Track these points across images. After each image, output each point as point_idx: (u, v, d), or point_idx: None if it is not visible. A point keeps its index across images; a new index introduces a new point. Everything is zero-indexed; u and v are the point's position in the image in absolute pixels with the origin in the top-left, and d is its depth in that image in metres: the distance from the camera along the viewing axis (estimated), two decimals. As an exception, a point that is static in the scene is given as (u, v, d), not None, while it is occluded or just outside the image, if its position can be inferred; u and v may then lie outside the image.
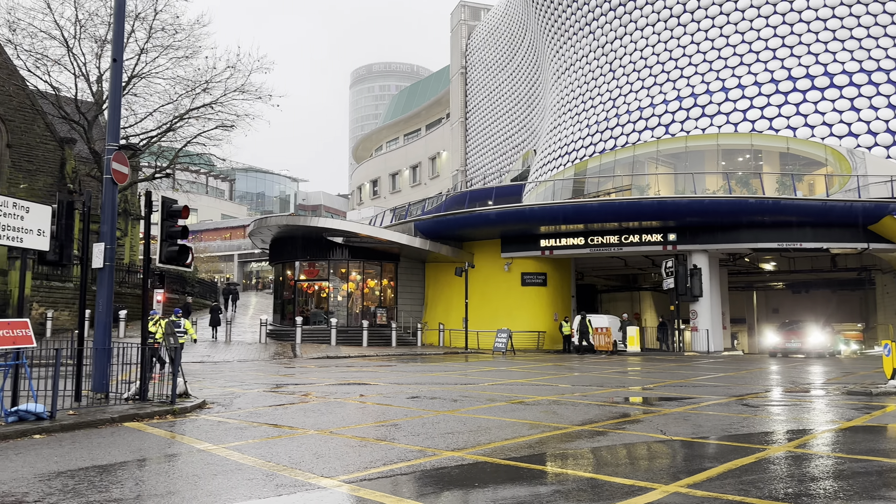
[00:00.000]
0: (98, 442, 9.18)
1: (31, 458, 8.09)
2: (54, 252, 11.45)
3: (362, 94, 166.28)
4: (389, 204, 63.94)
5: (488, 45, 61.55)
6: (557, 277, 34.57)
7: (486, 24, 62.73)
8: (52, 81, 32.04)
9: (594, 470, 7.51)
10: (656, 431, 9.96)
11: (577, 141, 37.53)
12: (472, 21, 66.10)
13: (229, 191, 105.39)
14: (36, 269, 27.71)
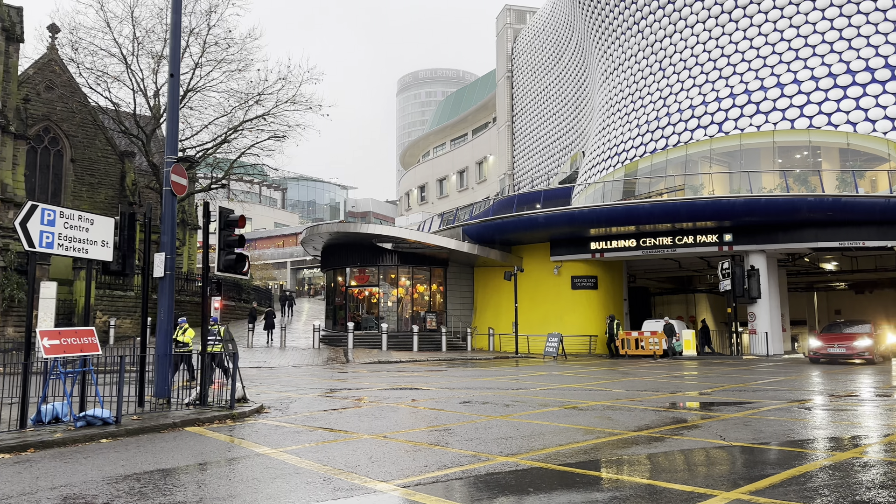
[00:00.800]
0: (161, 446, 9.48)
1: (100, 462, 8.40)
2: (117, 262, 11.89)
3: (409, 101, 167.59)
4: (437, 209, 64.18)
5: (534, 48, 61.27)
6: (609, 280, 34.10)
7: (532, 27, 62.47)
8: (111, 97, 33.34)
9: (651, 476, 7.38)
10: (715, 437, 9.73)
11: (627, 141, 37.02)
12: (518, 24, 65.93)
13: (281, 199, 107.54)
14: (99, 278, 28.78)
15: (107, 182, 37.75)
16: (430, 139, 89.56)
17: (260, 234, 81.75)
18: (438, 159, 79.77)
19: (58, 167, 36.11)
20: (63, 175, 36.21)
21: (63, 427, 10.29)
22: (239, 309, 42.72)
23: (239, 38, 35.75)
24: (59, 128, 36.02)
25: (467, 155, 73.12)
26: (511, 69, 65.05)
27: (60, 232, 10.62)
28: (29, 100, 33.12)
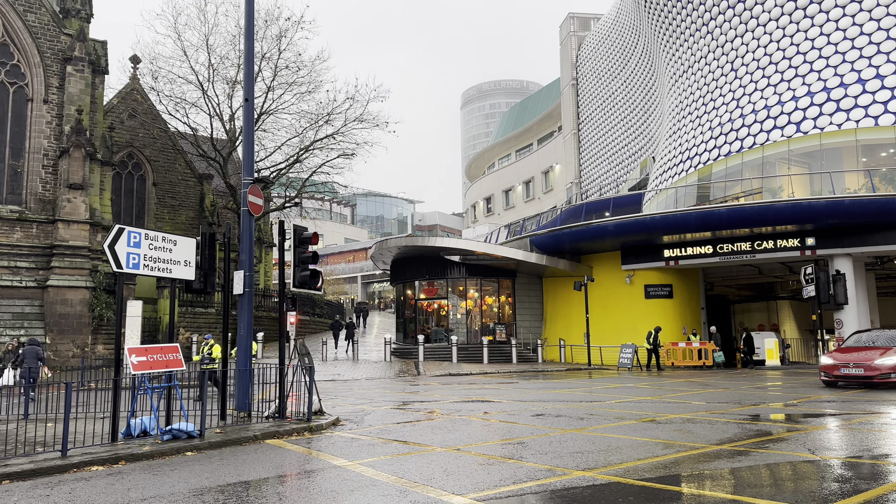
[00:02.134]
0: (243, 458, 9.77)
1: (185, 474, 8.73)
2: (199, 281, 12.39)
3: (473, 114, 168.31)
4: (503, 220, 64.02)
5: (599, 54, 60.53)
6: (684, 289, 33.14)
7: (597, 34, 61.77)
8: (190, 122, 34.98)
9: (735, 491, 7.10)
10: (803, 450, 9.28)
11: (699, 145, 36.02)
12: (582, 32, 65.35)
13: (351, 215, 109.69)
14: (182, 296, 30.03)
15: (187, 204, 39.47)
16: (494, 151, 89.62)
17: (331, 250, 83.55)
18: (504, 170, 79.68)
19: (141, 191, 38.00)
20: (146, 198, 38.07)
21: (151, 440, 10.76)
22: (313, 323, 43.72)
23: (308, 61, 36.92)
24: (141, 153, 37.95)
25: (533, 165, 72.76)
26: (576, 77, 64.45)
27: (146, 253, 11.16)
28: (114, 128, 35.06)
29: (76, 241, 29.32)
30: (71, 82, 30.32)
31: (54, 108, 30.27)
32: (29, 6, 30.01)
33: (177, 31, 39.53)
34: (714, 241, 30.04)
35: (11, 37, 29.72)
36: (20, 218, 28.94)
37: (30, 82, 30.03)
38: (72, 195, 29.37)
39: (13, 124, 29.75)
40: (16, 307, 27.97)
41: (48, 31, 30.38)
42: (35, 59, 30.00)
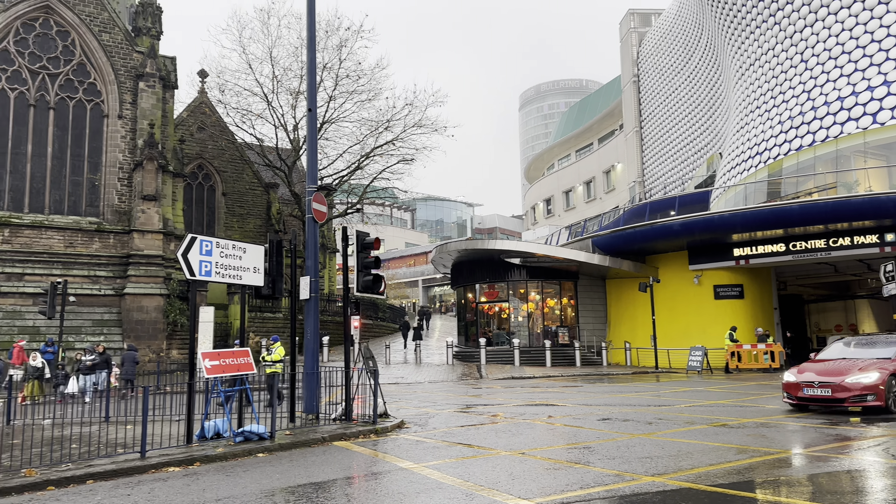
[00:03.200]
0: (312, 460, 9.98)
1: (257, 475, 8.98)
2: (268, 287, 12.72)
3: (531, 115, 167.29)
4: (564, 222, 63.31)
5: (661, 50, 59.22)
6: (755, 288, 32.00)
7: (658, 29, 60.46)
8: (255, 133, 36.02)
9: (812, 498, 6.82)
10: (886, 456, 8.83)
11: (768, 140, 34.76)
12: (643, 28, 64.09)
13: (411, 220, 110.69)
14: (251, 302, 30.91)
15: (254, 212, 40.65)
16: (554, 151, 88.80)
17: (392, 255, 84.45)
18: (564, 171, 78.84)
19: (211, 201, 39.34)
20: (216, 208, 39.39)
21: (224, 442, 11.10)
22: (376, 327, 44.27)
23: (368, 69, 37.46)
24: (210, 164, 39.29)
25: (594, 164, 71.72)
26: (637, 73, 63.24)
27: (217, 261, 11.54)
28: (184, 140, 36.43)
29: (150, 251, 30.57)
30: (143, 98, 31.67)
31: (128, 123, 31.67)
32: (103, 27, 31.51)
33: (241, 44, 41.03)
34: (786, 238, 28.92)
35: (88, 56, 31.27)
36: (98, 229, 30.37)
37: (105, 99, 31.52)
38: (146, 206, 30.64)
39: (90, 140, 31.27)
40: (95, 314, 29.36)
41: (121, 50, 31.82)
42: (110, 77, 31.46)
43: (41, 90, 30.39)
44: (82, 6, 31.09)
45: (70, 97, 30.96)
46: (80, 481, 8.77)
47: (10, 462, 9.66)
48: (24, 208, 29.61)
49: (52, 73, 30.58)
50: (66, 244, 29.65)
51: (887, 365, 13.40)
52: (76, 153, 30.99)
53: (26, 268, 28.56)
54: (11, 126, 29.70)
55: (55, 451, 10.52)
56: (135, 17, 33.03)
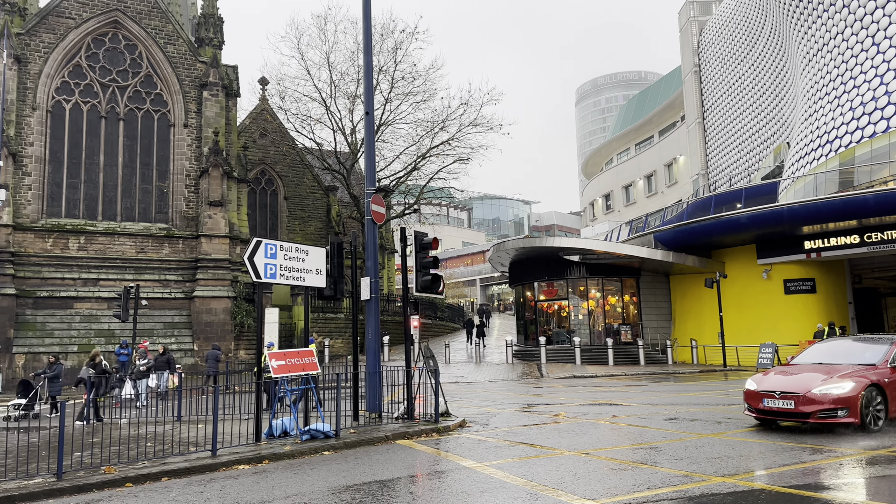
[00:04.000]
0: (376, 458, 10.09)
1: (324, 473, 9.14)
2: (330, 288, 12.94)
3: (588, 110, 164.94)
4: (624, 217, 62.18)
5: (723, 39, 57.48)
6: (828, 282, 30.68)
7: (719, 17, 58.71)
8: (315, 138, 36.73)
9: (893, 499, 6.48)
10: (981, 461, 8.33)
11: (839, 127, 33.28)
12: (703, 16, 62.37)
13: (467, 219, 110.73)
14: (313, 303, 31.52)
15: (315, 215, 41.43)
16: (612, 146, 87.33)
17: (449, 254, 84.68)
18: (623, 165, 77.44)
19: (273, 205, 40.30)
20: (278, 211, 40.33)
21: (291, 440, 11.35)
22: (435, 326, 44.47)
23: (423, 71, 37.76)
24: (272, 170, 40.25)
25: (654, 158, 70.19)
26: (698, 63, 61.57)
27: (281, 263, 11.81)
28: (247, 147, 37.41)
29: (217, 254, 31.53)
30: (207, 106, 32.68)
31: (193, 132, 32.74)
32: (168, 39, 32.66)
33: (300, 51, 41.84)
34: (861, 229, 27.60)
35: (154, 68, 32.48)
36: (168, 235, 31.51)
37: (171, 109, 32.67)
38: (212, 212, 31.62)
39: (158, 148, 32.47)
40: (166, 317, 30.48)
41: (185, 60, 32.93)
42: (175, 87, 32.59)
43: (111, 102, 31.72)
44: (148, 20, 32.31)
45: (138, 108, 32.21)
46: (156, 478, 9.11)
47: (91, 459, 10.11)
48: (97, 216, 30.98)
49: (122, 86, 31.88)
50: (138, 250, 30.88)
51: (868, 373, 10.97)
52: (145, 162, 32.23)
53: (101, 273, 29.88)
54: (85, 138, 31.11)
55: (132, 449, 10.97)
56: (197, 28, 34.12)
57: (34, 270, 28.73)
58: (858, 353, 12.14)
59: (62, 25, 30.59)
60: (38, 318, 28.25)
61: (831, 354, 12.40)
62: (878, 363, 11.35)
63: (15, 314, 27.56)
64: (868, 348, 12.21)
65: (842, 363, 11.68)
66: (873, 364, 11.34)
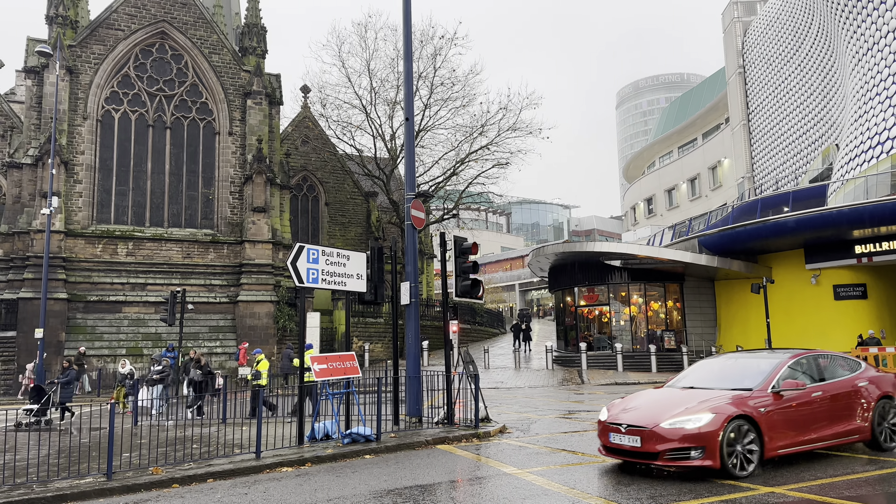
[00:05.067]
0: (417, 462, 10.11)
1: (365, 476, 9.18)
2: (370, 292, 13.03)
3: (629, 113, 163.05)
4: (667, 221, 61.18)
5: (768, 39, 56.25)
6: (880, 288, 29.68)
7: (764, 17, 57.48)
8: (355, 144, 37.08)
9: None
10: None
11: (891, 128, 32.22)
12: (747, 17, 61.14)
13: (506, 223, 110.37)
14: (353, 307, 31.79)
15: (355, 221, 41.84)
16: (654, 149, 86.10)
17: (488, 259, 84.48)
18: (665, 168, 76.28)
19: (315, 211, 40.83)
20: (320, 217, 40.84)
21: (332, 443, 11.44)
22: (474, 332, 44.39)
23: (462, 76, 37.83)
24: (314, 176, 40.80)
25: (698, 161, 68.97)
26: (743, 64, 60.35)
27: (323, 268, 11.94)
28: (289, 154, 37.98)
29: (261, 259, 32.07)
30: (251, 115, 33.31)
31: (238, 140, 33.40)
32: (213, 48, 33.42)
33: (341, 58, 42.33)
34: (915, 233, 26.66)
35: (200, 77, 33.25)
36: (213, 240, 32.18)
37: (216, 117, 33.39)
38: (256, 217, 32.19)
39: (204, 156, 33.21)
40: (212, 321, 31.10)
41: (230, 70, 33.64)
42: (220, 96, 33.31)
43: (158, 111, 32.57)
44: (193, 30, 33.11)
45: (184, 116, 33.01)
46: (202, 480, 9.28)
47: (139, 461, 10.36)
48: (145, 222, 31.81)
49: (168, 95, 32.72)
50: (184, 255, 31.60)
51: (739, 401, 8.58)
52: (191, 169, 33.00)
53: (148, 278, 30.65)
54: (133, 146, 32.01)
55: (178, 450, 11.20)
56: (241, 38, 34.83)
57: (84, 275, 29.63)
58: (739, 373, 9.68)
59: (111, 37, 31.56)
60: (89, 321, 29.10)
61: (712, 375, 10.04)
62: (756, 388, 8.95)
63: (66, 318, 28.46)
64: (753, 368, 9.71)
65: (716, 387, 9.36)
66: (749, 389, 8.95)
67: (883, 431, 9.81)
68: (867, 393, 9.76)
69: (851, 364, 10.25)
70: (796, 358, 9.68)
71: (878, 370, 10.59)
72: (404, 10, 15.07)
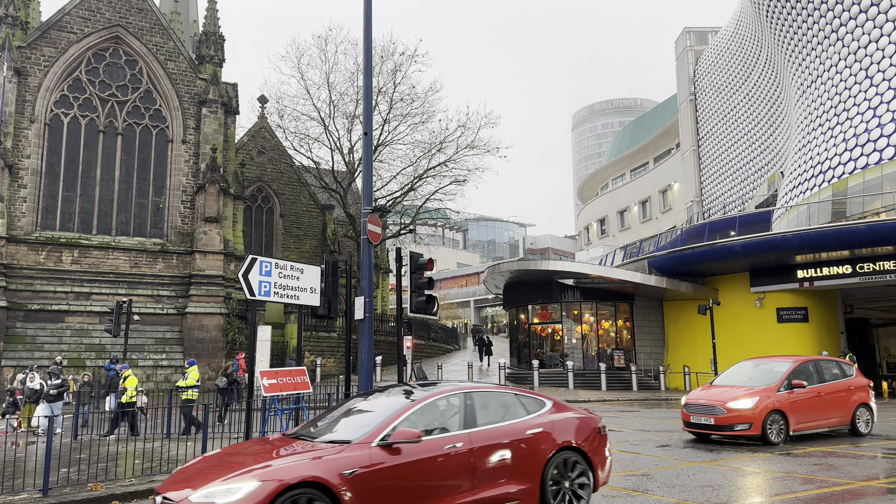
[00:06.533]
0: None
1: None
2: (324, 307, 12.91)
3: (584, 135, 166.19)
4: (619, 242, 62.38)
5: (718, 68, 58.22)
6: (820, 311, 30.78)
7: (715, 47, 59.51)
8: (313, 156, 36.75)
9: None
10: (972, 494, 8.32)
11: (832, 158, 33.64)
12: (699, 46, 63.20)
13: (463, 240, 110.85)
14: (306, 321, 31.39)
15: (311, 233, 41.43)
16: (608, 171, 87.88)
17: (444, 275, 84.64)
18: (618, 191, 77.89)
19: (269, 222, 40.30)
20: (274, 229, 40.32)
21: (281, 459, 11.22)
22: (428, 347, 44.29)
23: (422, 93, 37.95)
24: (269, 187, 40.31)
25: (649, 184, 70.64)
26: (694, 92, 62.28)
27: (276, 281, 11.79)
28: (244, 164, 37.49)
29: (211, 271, 31.44)
30: (206, 123, 32.80)
31: (191, 148, 32.81)
32: (169, 55, 32.86)
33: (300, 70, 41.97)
34: (853, 259, 27.80)
35: (154, 84, 32.62)
36: (162, 250, 31.44)
37: (170, 125, 32.77)
38: (207, 228, 31.58)
39: (156, 164, 32.50)
40: (158, 333, 30.29)
41: (185, 77, 33.11)
42: (175, 104, 32.72)
43: (110, 117, 31.79)
44: (149, 36, 32.53)
45: (137, 123, 32.30)
46: (143, 496, 9.00)
47: (77, 476, 9.99)
48: (92, 230, 30.90)
49: (121, 101, 31.99)
50: (132, 264, 30.77)
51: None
52: (142, 177, 32.25)
53: (94, 287, 29.72)
54: (82, 151, 31.12)
55: (119, 466, 10.84)
56: (198, 46, 34.35)
57: (26, 283, 28.58)
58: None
59: (63, 39, 30.76)
60: (29, 331, 28.04)
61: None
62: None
63: (6, 326, 27.36)
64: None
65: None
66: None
67: None
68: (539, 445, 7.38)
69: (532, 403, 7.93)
70: None
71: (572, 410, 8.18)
72: (364, 25, 15.09)
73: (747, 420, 12.65)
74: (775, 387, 13.26)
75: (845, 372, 14.72)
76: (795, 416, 13.05)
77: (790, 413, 12.97)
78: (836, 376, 14.44)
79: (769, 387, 13.30)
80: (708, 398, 13.54)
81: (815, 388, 13.70)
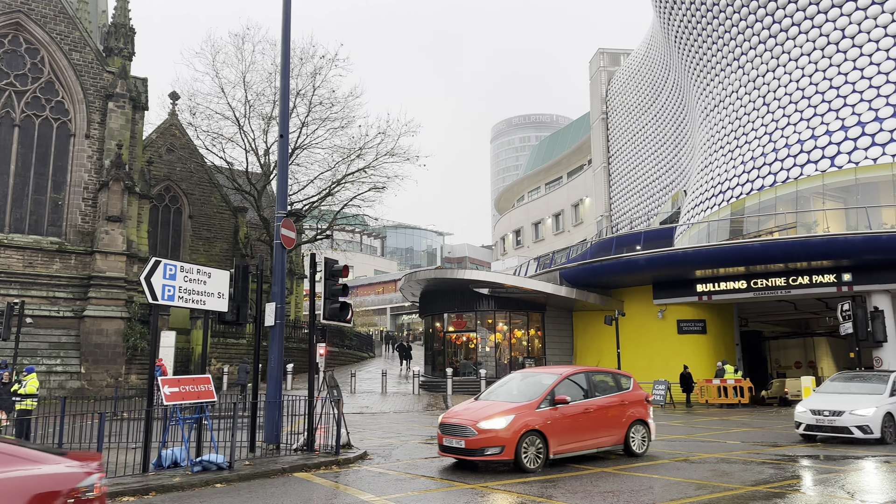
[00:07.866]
0: (271, 492, 9.78)
1: (215, 505, 8.76)
2: (232, 312, 12.56)
3: (503, 148, 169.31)
4: (533, 253, 63.83)
5: (629, 89, 60.71)
6: (718, 324, 32.54)
7: (627, 69, 62.05)
8: (226, 157, 35.75)
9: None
10: (842, 492, 8.99)
11: (731, 179, 35.69)
12: (612, 67, 65.73)
13: (381, 247, 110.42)
14: (214, 327, 30.38)
15: (221, 236, 40.14)
16: (524, 184, 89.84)
17: (361, 282, 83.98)
18: (533, 203, 79.74)
19: (177, 223, 38.79)
20: (182, 230, 38.84)
21: (181, 471, 10.83)
22: (342, 355, 43.78)
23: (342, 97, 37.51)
24: (178, 187, 38.82)
25: (563, 198, 72.70)
26: (606, 111, 64.65)
27: (181, 285, 11.37)
28: (152, 162, 35.97)
29: (113, 273, 29.95)
30: (112, 118, 31.30)
31: (95, 143, 31.22)
32: (74, 46, 31.21)
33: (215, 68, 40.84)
34: (748, 276, 29.56)
35: (57, 75, 30.88)
36: (60, 249, 29.71)
37: (73, 118, 31.08)
38: (110, 227, 30.09)
39: (56, 159, 30.73)
40: (52, 337, 28.56)
41: (91, 69, 31.51)
42: (78, 96, 31.08)
43: (7, 107, 29.86)
44: (53, 24, 30.80)
45: (37, 115, 30.47)
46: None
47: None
48: (-18, 226, 28.88)
49: (19, 91, 30.10)
50: (26, 264, 28.92)
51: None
52: (40, 172, 30.41)
53: (-18, 287, 27.75)
54: (-26, 142, 29.10)
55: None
56: (107, 38, 32.79)
57: None
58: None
59: (-45, 21, 28.69)
60: None
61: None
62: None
63: None
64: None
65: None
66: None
67: None
68: None
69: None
70: None
71: None
72: (283, 26, 14.87)
73: (500, 443, 10.77)
74: (535, 403, 11.42)
75: (621, 385, 13.10)
76: (557, 438, 11.29)
77: (550, 434, 11.17)
78: (610, 389, 12.81)
79: (529, 403, 11.46)
80: (462, 417, 11.49)
81: (583, 403, 11.92)
